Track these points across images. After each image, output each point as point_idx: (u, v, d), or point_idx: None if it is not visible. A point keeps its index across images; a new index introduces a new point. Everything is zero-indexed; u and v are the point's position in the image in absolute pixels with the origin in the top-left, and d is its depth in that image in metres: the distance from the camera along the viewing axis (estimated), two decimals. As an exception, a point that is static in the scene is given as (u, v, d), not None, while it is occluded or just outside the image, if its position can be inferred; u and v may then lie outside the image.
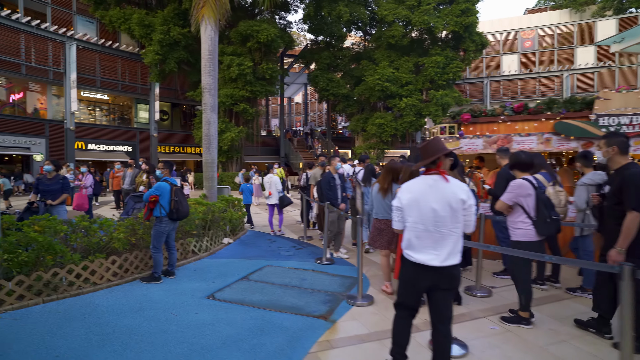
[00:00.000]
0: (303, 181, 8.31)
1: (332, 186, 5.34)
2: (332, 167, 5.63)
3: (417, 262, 2.30)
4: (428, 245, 2.29)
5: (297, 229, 8.58)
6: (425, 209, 2.29)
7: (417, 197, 2.33)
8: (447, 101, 22.36)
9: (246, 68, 20.28)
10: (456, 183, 2.36)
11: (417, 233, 2.31)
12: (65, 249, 3.77)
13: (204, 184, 7.41)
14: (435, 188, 2.31)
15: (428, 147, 2.46)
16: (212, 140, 7.33)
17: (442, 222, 2.27)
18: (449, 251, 2.28)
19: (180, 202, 4.43)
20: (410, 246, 2.36)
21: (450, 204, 2.27)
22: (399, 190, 2.47)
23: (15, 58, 20.03)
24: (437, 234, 2.27)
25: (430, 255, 2.27)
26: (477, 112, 6.36)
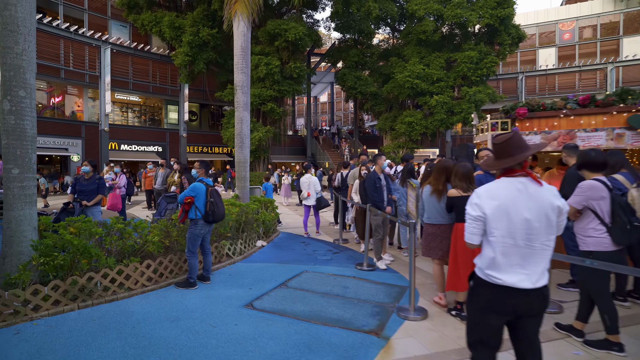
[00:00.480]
0: (338, 181, 7.97)
1: (377, 187, 4.86)
2: (378, 166, 5.16)
3: (504, 285, 1.89)
4: (516, 263, 1.88)
5: (331, 230, 8.26)
6: (516, 220, 1.88)
7: (506, 204, 1.90)
8: (480, 98, 21.42)
9: (274, 67, 20.19)
10: (549, 187, 1.95)
11: (505, 249, 1.90)
12: (100, 253, 3.61)
13: (236, 184, 7.21)
14: (527, 194, 1.91)
15: (511, 142, 2.04)
16: (244, 139, 7.12)
17: (536, 234, 1.87)
18: (541, 269, 1.88)
19: (216, 204, 4.20)
20: (493, 265, 1.93)
21: (547, 212, 1.87)
22: (474, 196, 2.03)
23: (55, 63, 20.85)
24: (527, 249, 1.87)
25: (520, 275, 1.87)
26: (534, 106, 5.78)
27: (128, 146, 24.47)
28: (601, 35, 28.42)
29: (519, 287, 1.85)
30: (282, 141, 25.21)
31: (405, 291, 4.24)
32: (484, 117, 23.27)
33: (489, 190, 2.00)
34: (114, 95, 25.02)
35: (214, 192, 4.26)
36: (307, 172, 8.15)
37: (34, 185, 3.79)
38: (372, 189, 4.84)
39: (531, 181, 1.94)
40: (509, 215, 1.90)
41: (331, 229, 8.41)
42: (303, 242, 6.84)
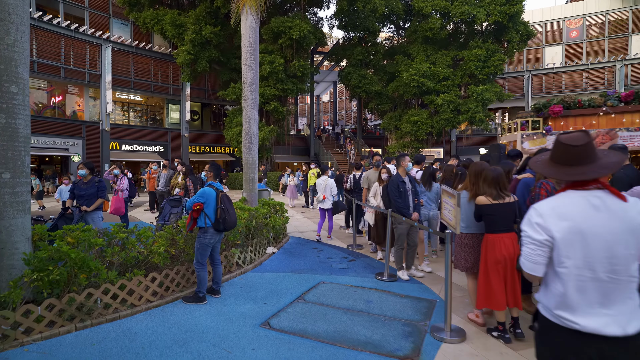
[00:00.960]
0: (350, 183, 7.59)
1: (401, 192, 4.37)
2: (401, 168, 4.67)
3: (581, 331, 1.46)
4: (595, 302, 1.46)
5: (342, 235, 7.88)
6: (595, 246, 1.46)
7: (580, 226, 1.48)
8: (488, 97, 21.02)
9: (278, 66, 19.81)
10: (634, 201, 1.52)
11: (580, 284, 1.48)
12: (101, 266, 3.24)
13: (243, 186, 6.85)
14: (607, 212, 1.48)
15: (589, 146, 1.55)
16: (252, 139, 6.75)
17: (623, 264, 1.45)
18: (631, 309, 1.45)
19: (227, 211, 3.83)
20: (564, 304, 1.51)
21: (635, 234, 1.45)
22: (535, 215, 1.58)
23: (56, 61, 20.51)
24: (611, 283, 1.45)
25: (603, 318, 1.45)
26: (569, 103, 5.40)
27: (129, 146, 24.13)
28: (609, 32, 27.98)
29: (604, 333, 1.42)
30: (286, 141, 24.85)
31: (434, 305, 3.87)
32: (492, 116, 22.93)
33: (556, 207, 1.56)
34: (115, 94, 24.67)
35: (225, 198, 3.90)
36: (323, 174, 7.78)
37: (27, 191, 3.43)
38: (396, 194, 4.40)
39: (610, 195, 1.51)
40: (585, 240, 1.47)
41: (342, 233, 8.04)
42: (315, 249, 6.47)
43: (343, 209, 7.66)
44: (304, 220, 9.75)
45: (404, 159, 4.69)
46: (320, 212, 7.59)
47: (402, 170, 4.64)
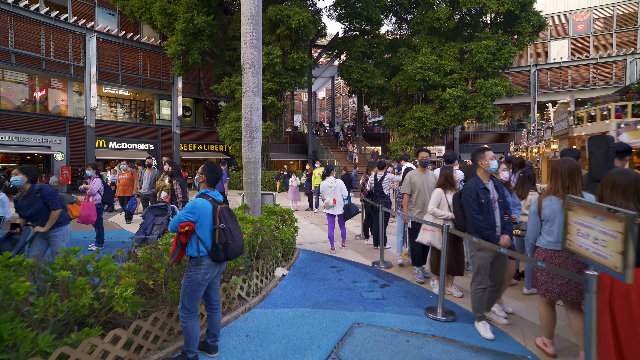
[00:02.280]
0: (370, 185, 6.39)
1: (483, 204, 2.97)
2: (481, 169, 3.18)
3: None
4: None
5: (360, 246, 6.67)
6: None
7: None
8: (497, 91, 19.97)
9: (275, 57, 18.53)
10: None
11: None
12: (25, 332, 1.99)
13: (244, 190, 5.59)
14: None
15: None
16: (254, 133, 5.50)
17: None
18: None
19: (231, 232, 2.60)
20: None
21: None
22: None
23: (36, 52, 18.99)
24: None
25: None
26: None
27: (117, 144, 22.69)
28: (617, 26, 27.09)
29: None
30: (283, 138, 23.57)
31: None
32: (500, 111, 21.90)
33: None
34: (102, 89, 23.21)
35: (226, 213, 2.66)
36: (329, 175, 6.59)
37: None
38: (474, 208, 2.98)
39: None
40: None
41: (359, 245, 6.82)
42: (334, 267, 5.24)
43: (356, 213, 6.50)
44: (311, 227, 8.52)
45: (484, 155, 3.13)
46: (329, 218, 6.36)
47: (482, 173, 3.15)
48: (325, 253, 6.09)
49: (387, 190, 6.21)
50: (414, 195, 4.48)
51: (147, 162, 8.20)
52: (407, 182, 4.52)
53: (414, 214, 4.47)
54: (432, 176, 4.40)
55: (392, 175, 6.24)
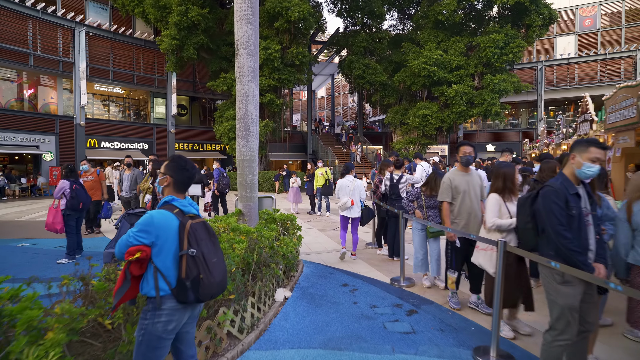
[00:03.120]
0: (385, 187, 5.54)
1: (573, 216, 2.07)
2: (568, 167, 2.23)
3: None
4: None
5: (371, 256, 5.82)
6: None
7: None
8: (505, 87, 19.15)
9: (274, 52, 17.67)
10: None
11: None
12: None
13: (238, 193, 4.74)
14: None
15: None
16: (251, 126, 4.64)
17: None
18: None
19: (205, 262, 1.74)
20: None
21: None
22: None
23: (23, 47, 18.09)
24: None
25: None
26: None
27: (109, 143, 21.80)
28: (626, 21, 26.31)
29: None
30: (282, 137, 22.71)
31: None
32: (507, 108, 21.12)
33: None
34: (93, 86, 22.32)
35: (200, 232, 1.80)
36: (348, 173, 5.74)
37: None
38: (561, 220, 2.07)
39: None
40: None
41: (371, 254, 5.96)
42: (345, 285, 4.38)
43: (372, 217, 5.68)
44: (315, 234, 7.65)
45: (588, 150, 2.12)
46: (342, 220, 5.66)
47: (570, 172, 2.19)
48: (333, 266, 5.24)
49: (404, 193, 5.36)
50: (457, 202, 3.51)
51: (126, 161, 7.32)
52: (446, 186, 3.54)
53: (458, 227, 3.56)
54: (478, 177, 3.51)
55: (410, 176, 5.40)
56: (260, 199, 5.46)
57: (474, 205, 3.48)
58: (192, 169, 1.92)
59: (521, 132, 28.93)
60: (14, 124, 18.17)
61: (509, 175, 3.00)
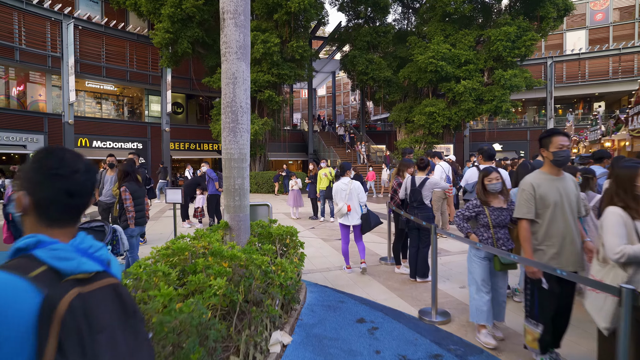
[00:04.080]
0: (405, 192, 4.55)
1: None
2: None
3: None
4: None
5: (388, 275, 4.83)
6: None
7: None
8: (517, 83, 18.16)
9: (273, 46, 16.68)
10: None
11: None
12: None
13: (225, 201, 3.74)
14: None
15: None
16: (240, 116, 3.65)
17: None
18: None
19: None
20: None
21: None
22: None
23: (8, 41, 17.12)
24: None
25: None
26: None
27: (101, 142, 20.81)
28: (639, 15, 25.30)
29: None
30: (281, 136, 21.71)
31: None
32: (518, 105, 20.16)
33: None
34: (85, 83, 21.35)
35: (96, 313, 0.82)
36: (344, 175, 4.87)
37: None
38: None
39: None
40: None
41: (388, 273, 4.97)
42: (361, 321, 3.39)
43: (376, 225, 4.76)
44: (319, 244, 6.66)
45: None
46: (342, 230, 4.92)
47: None
48: (343, 290, 4.26)
49: (428, 200, 4.39)
50: (543, 220, 2.39)
51: (109, 161, 6.34)
52: (527, 196, 2.42)
53: (545, 257, 2.42)
54: (573, 183, 2.50)
55: (437, 179, 4.41)
56: (253, 207, 4.47)
57: (571, 224, 2.37)
58: (80, 173, 0.93)
59: (529, 130, 27.96)
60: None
61: (633, 177, 2.03)
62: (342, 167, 5.01)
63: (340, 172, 5.05)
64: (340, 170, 5.03)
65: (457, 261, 5.33)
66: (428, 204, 4.38)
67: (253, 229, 3.92)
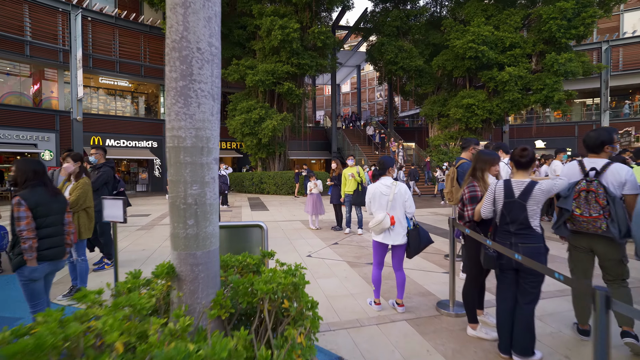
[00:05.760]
0: (491, 207, 2.68)
1: None
2: None
3: None
4: None
5: (455, 336, 2.99)
6: None
7: None
8: (572, 68, 15.67)
9: (292, 32, 15.02)
10: None
11: None
12: None
13: (171, 225, 1.97)
14: None
15: None
16: (198, 67, 1.91)
17: None
18: None
19: None
20: None
21: None
22: None
23: (19, 35, 16.36)
24: None
25: None
26: None
27: (115, 141, 19.90)
28: None
29: None
30: (302, 133, 20.04)
31: None
32: (574, 95, 17.62)
33: None
34: (98, 79, 20.51)
35: None
36: (384, 174, 3.24)
37: None
38: None
39: None
40: None
41: (450, 329, 3.11)
42: None
43: (427, 244, 3.00)
44: (343, 272, 4.85)
45: None
46: (377, 250, 3.46)
47: None
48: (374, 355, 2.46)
49: (537, 220, 2.51)
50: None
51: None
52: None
53: None
54: None
55: (552, 183, 2.51)
56: (236, 230, 2.71)
57: None
58: None
59: (577, 125, 25.03)
60: (8, 120, 16.49)
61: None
62: (381, 163, 3.32)
63: (379, 169, 3.36)
64: (380, 167, 3.34)
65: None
66: (536, 226, 2.50)
67: (226, 277, 2.17)
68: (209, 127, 2.05)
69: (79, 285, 3.57)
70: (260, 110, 16.36)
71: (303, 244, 6.38)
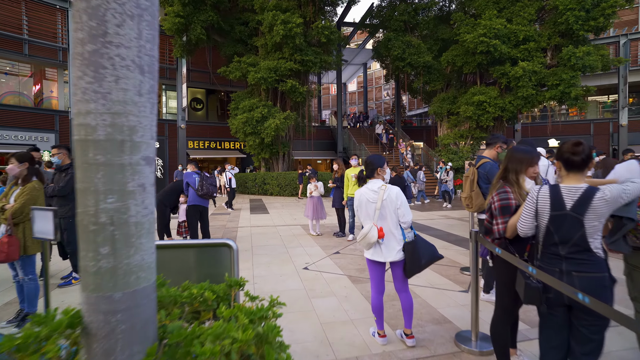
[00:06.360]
0: (533, 220, 2.02)
1: None
2: None
3: None
4: None
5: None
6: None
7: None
8: (590, 62, 14.83)
9: (295, 27, 14.42)
10: None
11: None
12: None
13: (80, 253, 1.35)
14: None
15: None
16: (116, 24, 1.29)
17: None
18: None
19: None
20: None
21: None
22: None
23: (17, 33, 16.05)
24: None
25: None
26: None
27: (115, 141, 19.40)
28: None
29: None
30: (307, 132, 19.43)
31: None
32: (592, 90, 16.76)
33: None
34: (99, 78, 20.12)
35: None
36: (372, 176, 2.81)
37: None
38: None
39: None
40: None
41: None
42: None
43: (433, 261, 2.36)
44: (344, 289, 4.20)
45: None
46: (372, 270, 2.82)
47: None
48: None
49: (599, 240, 1.83)
50: None
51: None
52: None
53: None
54: None
55: (620, 189, 1.84)
56: (199, 251, 2.09)
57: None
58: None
59: (593, 123, 24.04)
60: (7, 121, 16.19)
61: None
62: (369, 163, 2.76)
63: (366, 171, 2.78)
64: (367, 168, 2.75)
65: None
66: (597, 248, 1.84)
67: (173, 316, 1.54)
68: (135, 111, 1.39)
69: (27, 309, 3.00)
70: (262, 108, 15.80)
71: (301, 253, 5.76)
